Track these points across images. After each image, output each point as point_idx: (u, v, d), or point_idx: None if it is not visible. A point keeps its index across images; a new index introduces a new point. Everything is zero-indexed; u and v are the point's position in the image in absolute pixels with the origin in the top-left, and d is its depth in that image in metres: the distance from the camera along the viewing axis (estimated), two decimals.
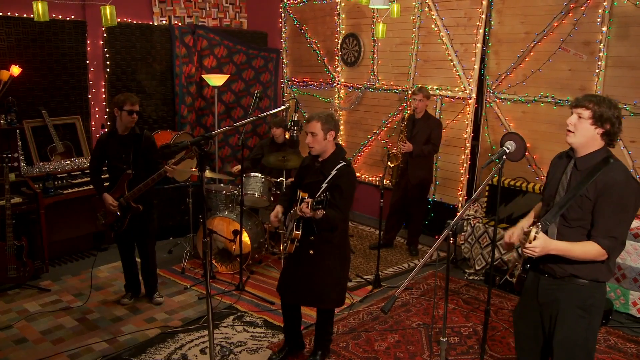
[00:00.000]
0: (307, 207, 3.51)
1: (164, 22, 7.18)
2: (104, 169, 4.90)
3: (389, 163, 6.18)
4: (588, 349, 2.92)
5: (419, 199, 6.41)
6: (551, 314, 2.94)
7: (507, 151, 3.07)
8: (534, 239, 2.69)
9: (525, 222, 3.17)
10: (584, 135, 2.78)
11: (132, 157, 4.73)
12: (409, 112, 6.32)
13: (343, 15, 7.85)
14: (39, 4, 4.65)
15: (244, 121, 3.76)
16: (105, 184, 4.93)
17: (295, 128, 4.24)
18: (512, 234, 3.06)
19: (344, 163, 3.78)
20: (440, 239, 2.69)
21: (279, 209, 4.02)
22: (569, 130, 2.81)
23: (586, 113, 2.75)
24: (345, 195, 3.73)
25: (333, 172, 3.74)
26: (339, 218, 3.71)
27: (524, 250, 2.76)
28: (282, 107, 4.45)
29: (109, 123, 6.69)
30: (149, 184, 4.68)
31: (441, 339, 2.90)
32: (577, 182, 2.81)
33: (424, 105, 6.13)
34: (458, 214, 2.76)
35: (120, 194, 4.75)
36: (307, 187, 3.83)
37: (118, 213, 4.77)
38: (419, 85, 6.25)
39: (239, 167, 5.95)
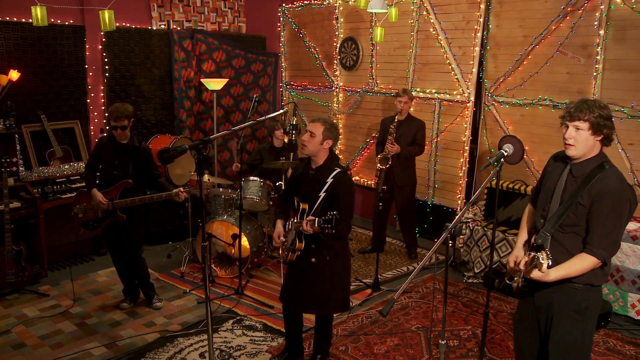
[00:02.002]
0: (309, 226, 3.54)
1: (162, 26, 7.19)
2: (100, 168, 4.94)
3: (379, 166, 6.16)
4: (583, 353, 2.92)
5: (407, 202, 6.40)
6: (547, 317, 2.95)
7: (505, 154, 3.09)
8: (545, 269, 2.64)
9: (522, 239, 3.14)
10: (586, 146, 2.79)
11: (132, 168, 4.78)
12: (392, 114, 6.29)
13: (341, 20, 7.87)
14: (38, 9, 4.65)
15: (242, 125, 3.75)
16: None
17: (294, 132, 4.24)
18: (517, 260, 2.95)
19: (339, 170, 3.75)
20: (438, 242, 2.70)
21: (280, 227, 3.95)
22: (570, 144, 2.81)
23: (584, 125, 2.75)
24: (347, 205, 3.73)
25: (329, 181, 3.72)
26: (345, 230, 3.72)
27: (529, 275, 2.73)
28: (281, 111, 4.45)
29: (107, 127, 6.70)
30: (145, 200, 4.71)
31: (440, 341, 2.90)
32: (573, 189, 2.81)
33: (408, 107, 6.14)
34: (456, 217, 2.76)
35: (111, 197, 4.76)
36: (304, 197, 3.82)
37: (100, 214, 4.77)
38: (404, 88, 6.25)
39: (237, 165, 5.94)
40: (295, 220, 3.82)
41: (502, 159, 3.05)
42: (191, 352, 4.33)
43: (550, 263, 2.62)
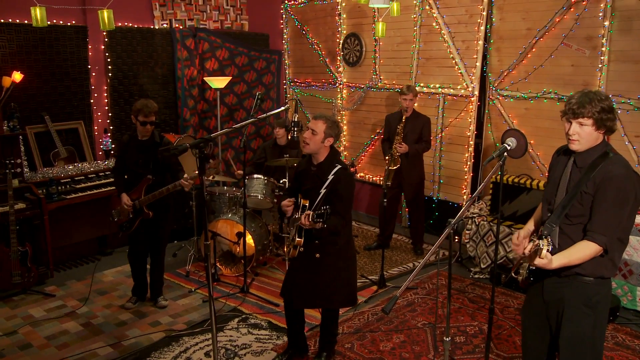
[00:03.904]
0: (307, 219, 3.54)
1: (165, 25, 7.18)
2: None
3: (389, 167, 6.12)
4: (595, 347, 2.88)
5: (417, 198, 6.37)
6: (557, 312, 2.91)
7: (508, 148, 3.05)
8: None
9: (529, 225, 3.14)
10: (590, 140, 2.76)
11: (152, 163, 4.78)
12: (397, 110, 6.23)
13: (344, 15, 7.83)
14: (37, 10, 4.64)
15: (243, 123, 3.74)
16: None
17: (295, 129, 4.22)
18: (519, 236, 2.96)
19: (340, 166, 3.74)
20: (441, 238, 2.67)
21: (287, 200, 3.92)
22: (574, 140, 2.77)
23: (588, 121, 2.71)
24: (345, 200, 3.72)
25: (330, 177, 3.70)
26: (340, 224, 3.69)
27: (532, 263, 2.72)
28: (282, 108, 4.43)
29: (111, 127, 6.71)
30: (163, 192, 4.73)
31: (444, 338, 2.87)
32: (578, 179, 2.78)
33: (413, 104, 6.10)
34: (459, 212, 2.74)
35: (137, 196, 4.80)
36: (306, 193, 3.81)
37: (131, 214, 4.81)
38: (407, 85, 6.21)
39: (241, 172, 5.93)
40: (296, 216, 3.81)
41: (505, 153, 3.02)
42: (197, 351, 4.33)
43: (550, 248, 2.60)
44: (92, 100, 6.56)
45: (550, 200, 2.93)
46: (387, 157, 6.17)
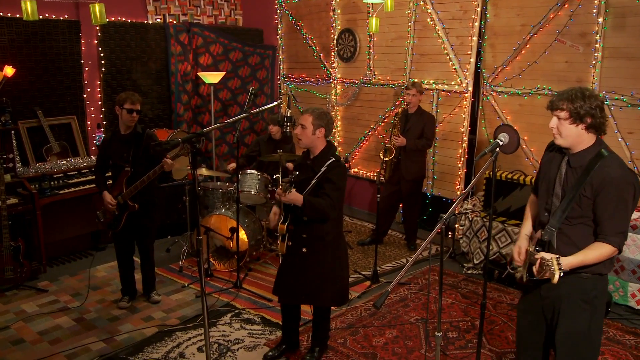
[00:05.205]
0: (281, 190, 3.62)
1: (158, 20, 7.16)
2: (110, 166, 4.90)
3: (382, 156, 6.14)
4: (592, 342, 2.90)
5: (413, 194, 6.36)
6: (554, 308, 2.92)
7: (501, 143, 3.05)
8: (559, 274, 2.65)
9: (526, 230, 3.13)
10: (569, 135, 2.77)
11: (132, 155, 4.72)
12: (404, 106, 6.27)
13: (338, 11, 7.81)
14: (28, 3, 4.60)
15: (235, 118, 3.73)
16: (109, 182, 4.92)
17: (288, 124, 4.21)
18: (521, 251, 3.01)
19: (333, 159, 3.76)
20: (432, 233, 2.68)
21: (275, 208, 4.04)
22: (554, 133, 2.82)
23: (563, 114, 2.74)
24: (336, 186, 3.71)
25: (323, 168, 3.73)
26: (328, 206, 3.68)
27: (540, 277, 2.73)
28: (274, 103, 4.42)
29: (104, 122, 6.68)
30: (145, 181, 4.65)
31: (436, 333, 2.88)
32: (574, 181, 2.79)
33: (417, 100, 6.09)
34: (451, 208, 2.74)
35: (119, 192, 4.74)
36: (299, 184, 3.82)
37: (116, 211, 4.77)
38: (413, 80, 6.21)
39: (234, 165, 5.92)
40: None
41: (498, 149, 3.02)
42: (189, 346, 4.32)
43: (562, 274, 2.63)
44: (85, 95, 6.53)
45: (547, 200, 2.94)
46: (381, 152, 6.18)
